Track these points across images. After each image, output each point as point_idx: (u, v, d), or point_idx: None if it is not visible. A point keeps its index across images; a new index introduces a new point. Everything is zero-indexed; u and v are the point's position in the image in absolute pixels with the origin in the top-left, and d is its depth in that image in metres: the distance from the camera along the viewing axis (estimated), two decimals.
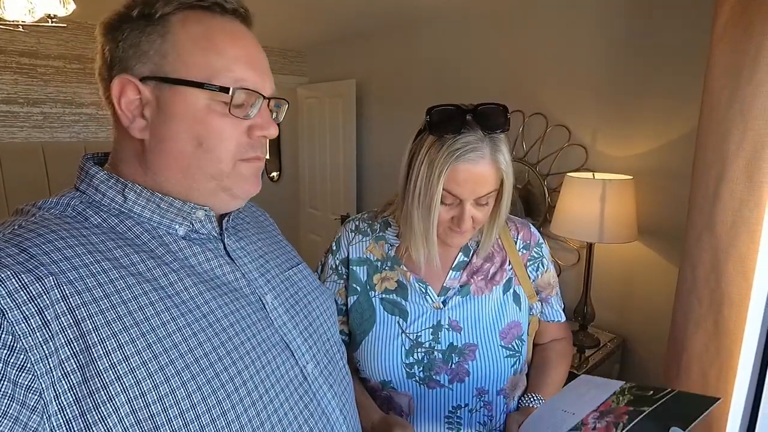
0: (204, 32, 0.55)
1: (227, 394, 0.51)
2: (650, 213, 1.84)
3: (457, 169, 0.80)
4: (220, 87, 0.54)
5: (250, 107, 0.57)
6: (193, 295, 0.54)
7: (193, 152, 0.55)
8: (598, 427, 0.73)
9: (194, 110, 0.54)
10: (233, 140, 0.56)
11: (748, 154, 1.01)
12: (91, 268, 0.48)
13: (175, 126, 0.54)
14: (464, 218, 0.84)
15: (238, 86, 0.55)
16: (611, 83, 1.92)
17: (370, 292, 0.96)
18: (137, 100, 0.55)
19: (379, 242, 0.98)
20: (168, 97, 0.54)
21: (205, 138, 0.55)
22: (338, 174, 3.35)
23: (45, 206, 0.54)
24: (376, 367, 0.92)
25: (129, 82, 0.54)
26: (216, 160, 0.56)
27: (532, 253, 1.00)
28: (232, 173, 0.58)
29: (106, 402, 0.44)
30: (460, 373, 0.90)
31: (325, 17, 2.61)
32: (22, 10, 1.67)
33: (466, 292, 0.94)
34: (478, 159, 0.80)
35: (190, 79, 0.53)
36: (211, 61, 0.54)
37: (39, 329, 0.43)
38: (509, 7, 2.23)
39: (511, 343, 0.93)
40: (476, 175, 0.81)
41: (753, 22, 0.99)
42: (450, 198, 0.83)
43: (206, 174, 0.56)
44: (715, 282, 1.10)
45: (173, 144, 0.55)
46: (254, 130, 0.58)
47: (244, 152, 0.58)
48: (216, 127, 0.55)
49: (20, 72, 2.48)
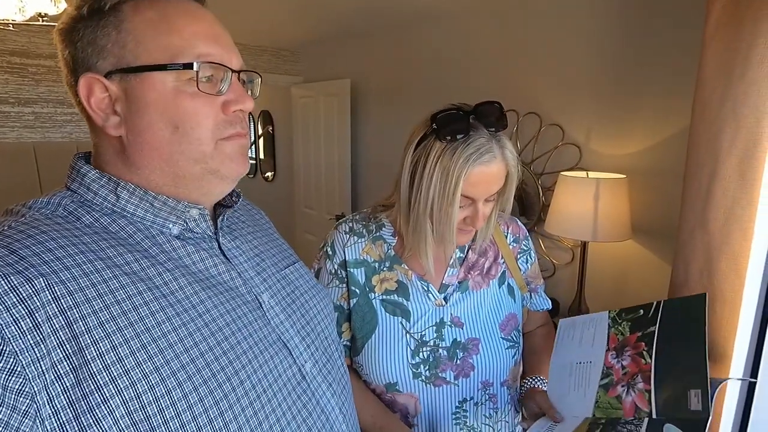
0: (159, 15, 0.54)
1: (224, 394, 0.51)
2: (643, 211, 1.85)
3: (474, 173, 0.81)
4: (183, 64, 0.53)
5: (220, 83, 0.56)
6: (188, 295, 0.54)
7: (171, 138, 0.54)
8: (627, 364, 0.72)
9: (164, 94, 0.53)
10: (210, 119, 0.55)
11: (740, 152, 1.01)
12: (83, 268, 0.47)
13: (148, 115, 0.53)
14: (479, 217, 0.85)
15: (203, 61, 0.54)
16: (605, 82, 1.93)
17: (369, 294, 0.95)
18: (106, 98, 0.54)
19: (376, 242, 0.97)
20: (135, 87, 0.53)
21: (181, 121, 0.54)
22: (333, 173, 3.34)
23: (35, 206, 0.53)
24: (381, 370, 0.91)
25: (94, 80, 0.53)
26: (196, 142, 0.55)
27: (521, 246, 1.04)
28: (216, 153, 0.56)
29: (101, 404, 0.43)
30: (465, 368, 0.91)
31: (319, 16, 2.60)
32: (12, 9, 1.66)
33: (465, 288, 0.95)
34: (491, 160, 0.82)
35: (152, 63, 0.52)
36: (171, 41, 0.53)
37: (30, 332, 0.42)
38: (503, 7, 2.23)
39: (510, 335, 0.96)
40: (490, 176, 0.83)
41: (744, 20, 0.99)
42: (464, 201, 0.84)
43: (189, 158, 0.55)
44: (707, 279, 1.10)
45: (150, 134, 0.54)
46: (229, 106, 0.56)
47: (222, 130, 0.56)
48: (189, 107, 0.54)
49: (11, 71, 2.46)
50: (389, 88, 2.92)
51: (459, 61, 2.48)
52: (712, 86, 1.08)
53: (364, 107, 3.12)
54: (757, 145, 0.98)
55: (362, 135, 3.18)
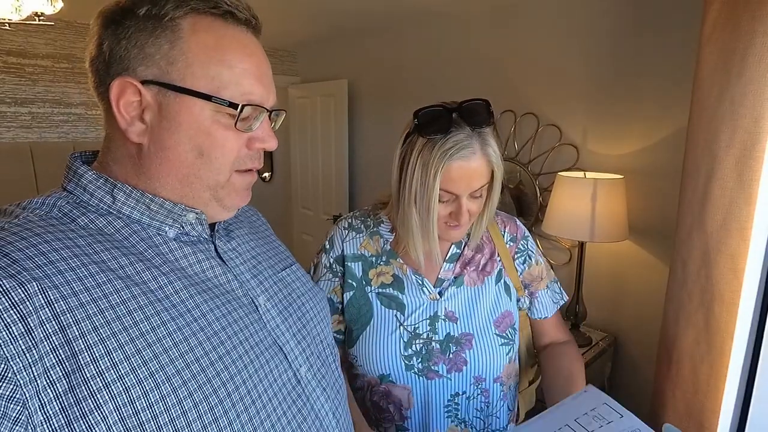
0: (215, 42, 0.53)
1: (219, 399, 0.50)
2: (641, 212, 1.85)
3: (452, 168, 0.82)
4: (229, 102, 0.54)
5: (253, 120, 0.57)
6: (184, 299, 0.53)
7: (194, 162, 0.55)
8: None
9: (199, 121, 0.54)
10: (234, 152, 0.57)
11: (737, 152, 1.01)
12: (77, 271, 0.47)
13: (178, 135, 0.53)
14: (462, 212, 0.86)
15: (246, 101, 0.55)
16: (602, 83, 1.93)
17: (366, 288, 0.97)
18: (137, 103, 0.53)
19: (374, 237, 1.00)
20: (172, 104, 0.53)
21: (207, 149, 0.55)
22: (330, 174, 3.34)
23: (30, 206, 0.52)
24: (374, 361, 0.92)
25: (130, 85, 0.52)
26: (215, 170, 0.56)
27: (518, 245, 1.03)
28: (227, 184, 0.58)
29: (94, 410, 0.43)
30: (457, 362, 0.92)
31: (316, 17, 2.60)
32: (8, 8, 1.65)
33: (461, 283, 0.96)
34: (469, 155, 0.82)
35: (198, 90, 0.52)
36: (221, 74, 0.53)
37: (22, 337, 0.41)
38: (501, 7, 2.24)
39: (505, 332, 0.96)
40: (470, 171, 0.83)
41: (741, 20, 1.00)
42: (446, 195, 0.85)
43: (204, 184, 0.56)
44: (705, 279, 1.10)
45: (174, 152, 0.54)
46: (254, 142, 0.58)
47: (242, 163, 0.58)
48: (219, 139, 0.55)
49: (7, 71, 2.45)
50: (386, 88, 2.92)
51: (456, 62, 2.49)
52: (709, 86, 1.09)
53: (362, 108, 3.12)
54: (755, 145, 0.98)
55: (359, 135, 3.18)
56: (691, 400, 1.18)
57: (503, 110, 2.26)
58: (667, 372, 1.26)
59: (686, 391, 1.19)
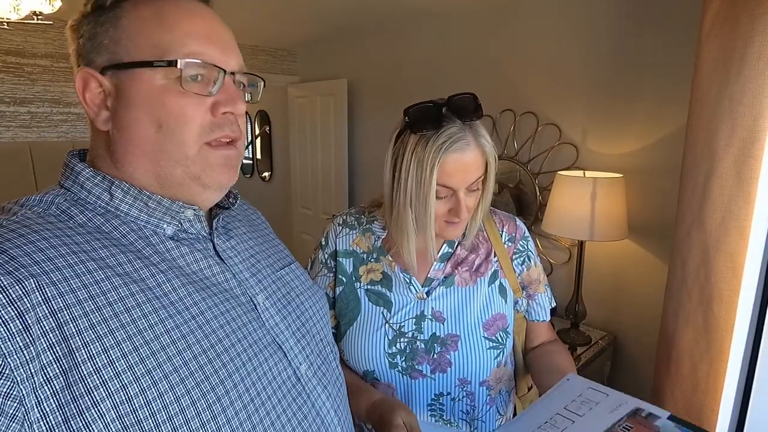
0: (155, 12, 0.53)
1: (217, 397, 0.50)
2: (640, 211, 1.85)
3: (447, 161, 0.81)
4: (168, 62, 0.52)
5: (212, 83, 0.55)
6: (182, 296, 0.53)
7: (155, 136, 0.53)
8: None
9: (150, 91, 0.52)
10: (196, 120, 0.54)
11: (737, 150, 1.01)
12: (75, 268, 0.46)
13: (134, 111, 0.53)
14: (461, 208, 0.85)
15: (191, 59, 0.53)
16: (601, 82, 1.93)
17: (355, 284, 0.97)
18: (101, 93, 0.54)
19: (366, 234, 1.00)
20: (125, 82, 0.53)
21: (165, 119, 0.53)
22: (330, 173, 3.34)
23: (28, 204, 0.52)
24: (359, 357, 0.93)
25: (90, 75, 0.53)
26: (179, 142, 0.53)
27: (517, 246, 1.01)
28: (198, 159, 0.55)
29: (91, 408, 0.43)
30: (442, 363, 0.91)
31: (316, 16, 2.60)
32: (7, 7, 1.65)
33: (450, 283, 0.95)
34: (464, 147, 0.82)
35: (141, 59, 0.52)
36: (162, 39, 0.52)
37: (19, 333, 0.41)
38: (500, 6, 2.24)
39: (495, 335, 0.94)
40: (465, 164, 0.83)
41: (740, 19, 1.00)
42: (444, 191, 0.84)
43: (170, 159, 0.54)
44: (704, 278, 1.10)
45: (134, 130, 0.53)
46: (218, 107, 0.55)
47: (209, 132, 0.55)
48: (174, 106, 0.53)
49: (6, 71, 2.45)
50: (386, 87, 2.92)
51: (456, 61, 2.49)
52: (708, 84, 1.09)
53: (361, 107, 3.12)
54: (754, 143, 0.99)
55: (359, 135, 3.18)
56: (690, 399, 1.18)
57: (503, 109, 2.27)
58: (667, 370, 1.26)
59: (685, 389, 1.19)
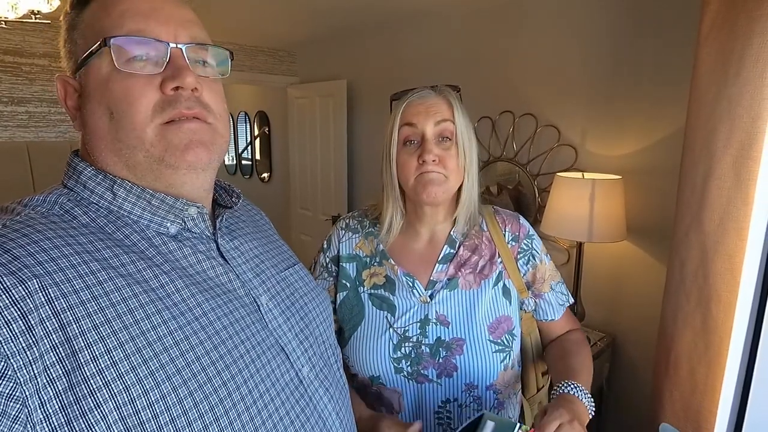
0: (101, 3, 0.54)
1: (220, 399, 0.50)
2: (639, 212, 1.86)
3: (411, 104, 0.89)
4: (100, 44, 0.50)
5: (159, 62, 0.53)
6: (185, 297, 0.52)
7: (109, 126, 0.52)
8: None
9: (99, 80, 0.52)
10: (144, 100, 0.51)
11: (735, 151, 1.01)
12: (78, 269, 0.46)
13: (90, 104, 0.53)
14: (427, 148, 0.86)
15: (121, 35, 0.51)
16: (600, 83, 1.93)
17: (359, 288, 0.96)
18: (76, 96, 0.55)
19: (368, 238, 0.99)
20: (84, 78, 0.54)
21: (114, 106, 0.51)
22: (329, 174, 3.34)
23: (31, 204, 0.52)
24: (364, 363, 0.91)
25: (65, 81, 0.55)
26: (130, 127, 0.51)
27: (521, 245, 0.98)
28: (157, 140, 0.52)
29: (94, 409, 0.42)
30: (447, 367, 0.90)
31: (315, 17, 2.60)
32: (4, 6, 1.64)
33: (454, 286, 0.93)
34: (428, 94, 0.90)
35: (88, 51, 0.52)
36: (102, 25, 0.52)
37: (22, 334, 0.41)
38: (500, 7, 2.24)
39: (501, 338, 0.92)
40: (428, 105, 0.88)
41: (738, 21, 1.00)
42: (407, 132, 0.89)
43: (128, 146, 0.52)
44: (703, 279, 1.10)
45: (93, 123, 0.54)
46: (167, 84, 0.52)
47: (161, 112, 0.52)
48: (119, 90, 0.51)
49: (4, 70, 2.45)
50: (386, 88, 2.90)
51: (455, 62, 2.49)
52: (706, 86, 1.09)
53: (361, 108, 3.12)
54: (752, 145, 0.99)
55: (358, 136, 3.17)
56: (688, 400, 1.18)
57: (502, 111, 2.27)
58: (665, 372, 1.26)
59: (684, 390, 1.19)
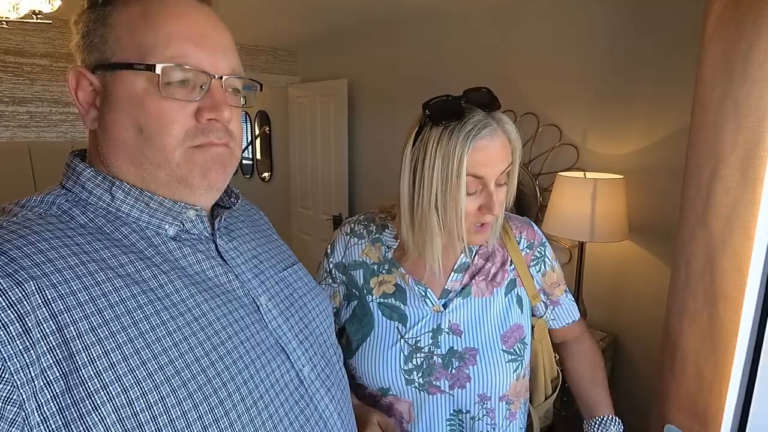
0: (142, 10, 0.52)
1: (220, 400, 0.49)
2: (641, 211, 1.86)
3: (477, 148, 0.76)
4: (146, 65, 0.50)
5: (198, 88, 0.53)
6: (185, 298, 0.52)
7: (136, 140, 0.52)
8: None
9: (132, 94, 0.51)
10: (177, 125, 0.52)
11: (742, 151, 1.01)
12: (76, 270, 0.46)
13: (117, 113, 0.52)
14: (494, 200, 0.79)
15: (175, 63, 0.51)
16: (602, 82, 1.93)
17: (367, 297, 0.92)
18: (92, 91, 0.54)
19: (375, 244, 0.95)
20: (111, 83, 0.52)
21: (145, 124, 0.51)
22: (330, 174, 3.33)
23: (29, 204, 0.52)
24: (373, 375, 0.88)
25: (81, 73, 0.53)
26: (159, 147, 0.52)
27: (535, 252, 0.97)
28: (183, 161, 0.53)
29: (92, 411, 0.42)
30: (460, 378, 0.87)
31: (316, 16, 2.59)
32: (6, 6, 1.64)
33: (467, 294, 0.91)
34: (492, 133, 0.78)
35: (124, 60, 0.51)
36: (146, 40, 0.51)
37: (19, 337, 0.41)
38: (500, 7, 2.24)
39: (513, 347, 0.90)
40: (495, 151, 0.78)
41: (745, 20, 1.00)
42: (474, 184, 0.79)
43: (152, 163, 0.53)
44: (709, 278, 1.10)
45: (116, 132, 0.53)
46: (203, 113, 0.53)
47: (192, 138, 0.53)
48: (154, 111, 0.51)
49: (5, 70, 2.44)
50: (387, 88, 2.92)
51: (456, 61, 2.48)
52: (711, 85, 1.09)
53: (361, 107, 3.12)
54: (759, 144, 0.98)
55: (359, 135, 3.17)
56: (695, 399, 1.18)
57: (503, 110, 2.25)
58: (671, 371, 1.25)
59: (690, 390, 1.19)
